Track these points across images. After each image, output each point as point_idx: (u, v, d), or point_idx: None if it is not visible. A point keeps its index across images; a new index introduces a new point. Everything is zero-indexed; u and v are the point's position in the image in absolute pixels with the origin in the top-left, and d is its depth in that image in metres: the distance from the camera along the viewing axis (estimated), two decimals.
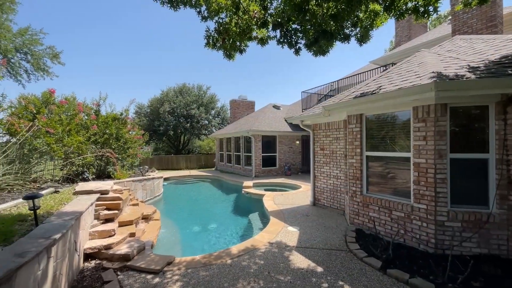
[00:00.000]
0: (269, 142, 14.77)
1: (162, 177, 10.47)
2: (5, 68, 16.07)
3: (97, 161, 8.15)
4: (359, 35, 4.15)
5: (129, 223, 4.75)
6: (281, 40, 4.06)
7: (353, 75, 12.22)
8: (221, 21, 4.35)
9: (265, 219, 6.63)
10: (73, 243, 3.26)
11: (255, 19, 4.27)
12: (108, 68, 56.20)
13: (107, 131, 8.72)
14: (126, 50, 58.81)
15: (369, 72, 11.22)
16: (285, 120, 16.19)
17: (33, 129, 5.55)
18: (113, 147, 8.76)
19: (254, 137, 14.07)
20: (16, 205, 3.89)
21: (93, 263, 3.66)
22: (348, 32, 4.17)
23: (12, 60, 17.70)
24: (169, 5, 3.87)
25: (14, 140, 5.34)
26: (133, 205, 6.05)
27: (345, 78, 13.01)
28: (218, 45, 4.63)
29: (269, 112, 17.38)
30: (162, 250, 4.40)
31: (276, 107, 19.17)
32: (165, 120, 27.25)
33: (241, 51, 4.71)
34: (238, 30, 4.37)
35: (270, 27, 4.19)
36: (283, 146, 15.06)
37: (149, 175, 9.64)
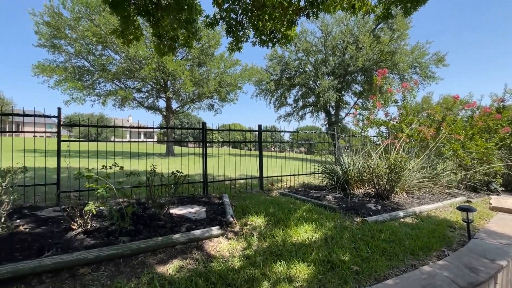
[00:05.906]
0: None
1: None
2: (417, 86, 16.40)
3: (505, 170, 6.67)
4: None
5: None
6: None
7: None
8: None
9: None
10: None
11: None
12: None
13: None
14: None
15: None
16: None
17: (441, 136, 6.04)
18: None
19: None
20: (437, 208, 4.36)
21: None
22: None
23: (406, 77, 21.46)
24: None
25: (421, 146, 6.20)
26: None
27: None
28: None
29: None
30: None
31: None
32: None
33: None
34: None
35: None
36: None
37: None
